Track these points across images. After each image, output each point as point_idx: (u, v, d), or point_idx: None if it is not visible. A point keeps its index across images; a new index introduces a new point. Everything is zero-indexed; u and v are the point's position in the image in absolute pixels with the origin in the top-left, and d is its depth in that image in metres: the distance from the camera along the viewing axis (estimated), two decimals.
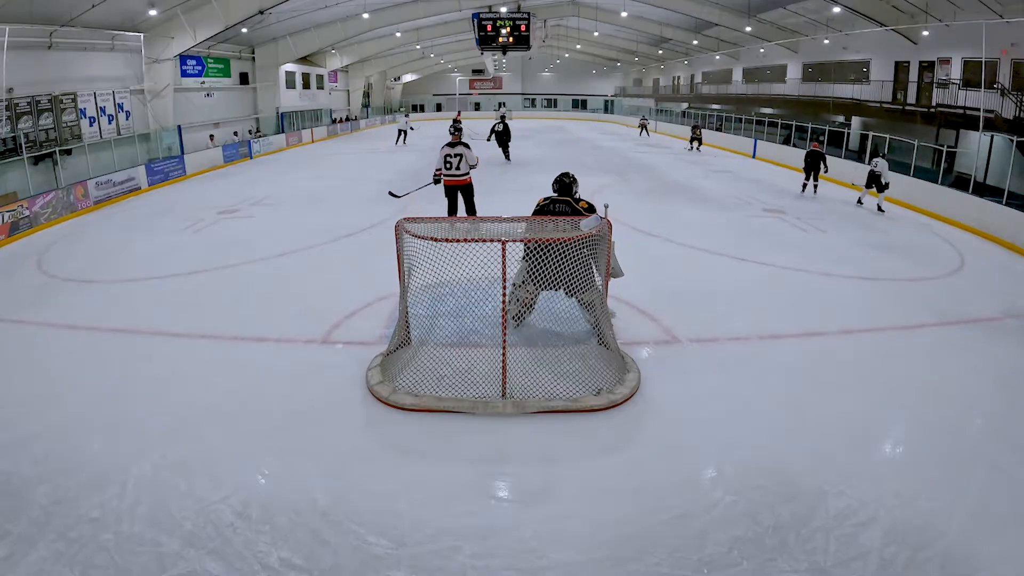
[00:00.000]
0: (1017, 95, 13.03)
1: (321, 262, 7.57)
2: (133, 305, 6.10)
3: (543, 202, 5.32)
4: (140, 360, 4.90)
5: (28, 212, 9.49)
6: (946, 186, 10.88)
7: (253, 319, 5.63)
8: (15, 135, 12.11)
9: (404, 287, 4.58)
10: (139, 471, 3.41)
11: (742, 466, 3.50)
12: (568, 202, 5.20)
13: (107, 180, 12.09)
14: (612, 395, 4.15)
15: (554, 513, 3.14)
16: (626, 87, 45.78)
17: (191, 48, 16.71)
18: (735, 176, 15.41)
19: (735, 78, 28.28)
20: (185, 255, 7.87)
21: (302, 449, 3.66)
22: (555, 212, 5.16)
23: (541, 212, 5.23)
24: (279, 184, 13.84)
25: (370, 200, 11.38)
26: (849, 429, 3.90)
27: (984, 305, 6.23)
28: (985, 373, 4.72)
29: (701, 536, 2.96)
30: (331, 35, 23.58)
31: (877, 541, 2.92)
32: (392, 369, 4.47)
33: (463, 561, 2.81)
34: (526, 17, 18.85)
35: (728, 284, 6.69)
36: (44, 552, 2.82)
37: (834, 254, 7.93)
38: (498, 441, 3.78)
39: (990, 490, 3.32)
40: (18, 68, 12.09)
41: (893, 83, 17.57)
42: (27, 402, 4.20)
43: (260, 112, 23.21)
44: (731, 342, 5.23)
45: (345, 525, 3.02)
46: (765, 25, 21.45)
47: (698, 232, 8.95)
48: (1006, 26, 12.51)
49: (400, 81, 42.84)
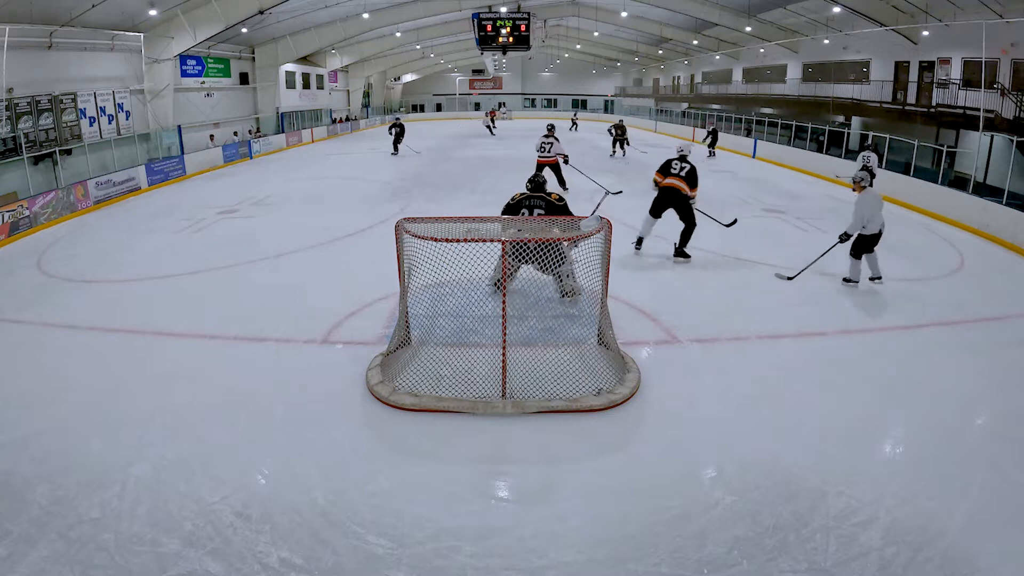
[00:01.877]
0: (1017, 95, 13.03)
1: (321, 262, 7.57)
2: (133, 305, 6.10)
3: (519, 196, 6.02)
4: (140, 360, 4.90)
5: (28, 212, 9.49)
6: (946, 186, 10.88)
7: (253, 319, 5.63)
8: (15, 135, 12.11)
9: (404, 287, 4.58)
10: (139, 471, 3.41)
11: (742, 466, 3.50)
12: (541, 196, 5.94)
13: (107, 180, 12.09)
14: (612, 395, 4.15)
15: (554, 513, 3.14)
16: (626, 87, 45.77)
17: (191, 48, 16.72)
18: (735, 176, 15.41)
19: (735, 78, 28.28)
20: (185, 255, 7.87)
21: (302, 449, 3.66)
22: (531, 205, 5.89)
23: (516, 205, 5.92)
24: (279, 184, 13.85)
25: (370, 200, 11.39)
26: (849, 429, 3.90)
27: (984, 305, 6.23)
28: (985, 373, 4.72)
29: (701, 536, 2.96)
30: (331, 35, 23.58)
31: (877, 541, 2.92)
32: (392, 369, 4.47)
33: (463, 561, 2.81)
34: (526, 17, 18.87)
35: (728, 284, 6.68)
36: (44, 552, 2.82)
37: (834, 253, 7.92)
38: (498, 441, 3.79)
39: (990, 490, 3.32)
40: (18, 68, 12.09)
41: (893, 83, 17.57)
42: (27, 402, 4.20)
43: (260, 112, 23.22)
44: (731, 342, 5.23)
45: (345, 525, 3.02)
46: (765, 25, 21.45)
47: (698, 232, 8.94)
48: (1006, 26, 12.51)
49: (400, 81, 42.87)
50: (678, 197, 7.31)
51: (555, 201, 5.93)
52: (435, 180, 14.47)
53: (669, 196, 7.35)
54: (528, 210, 5.85)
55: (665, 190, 7.38)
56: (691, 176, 7.36)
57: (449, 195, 12.36)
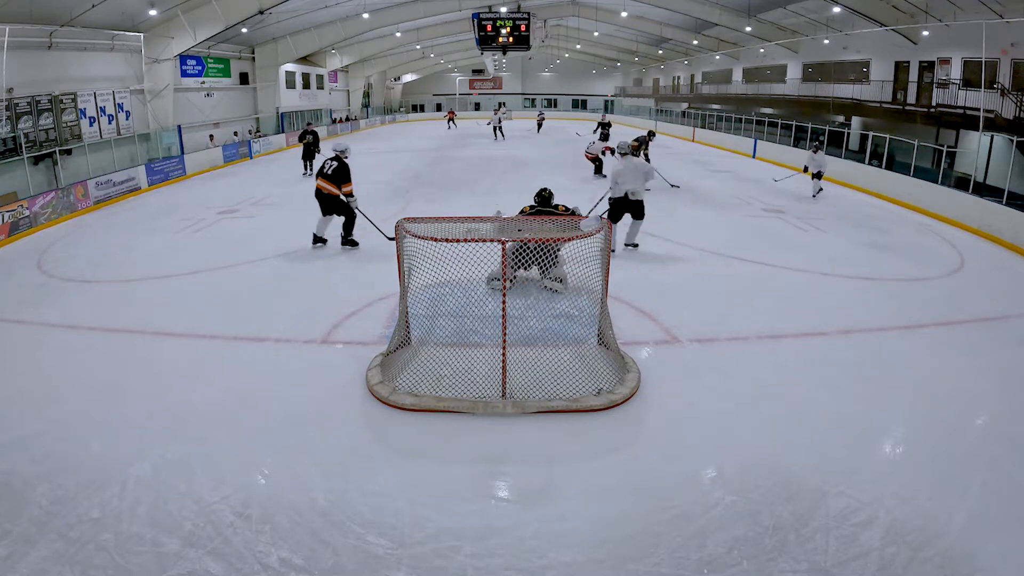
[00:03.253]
0: (1017, 95, 13.03)
1: (321, 262, 7.57)
2: (133, 305, 6.10)
3: (527, 210, 6.32)
4: (140, 360, 4.90)
5: (28, 212, 9.49)
6: (946, 186, 10.88)
7: (253, 319, 5.63)
8: (15, 135, 12.11)
9: (404, 287, 4.58)
10: (139, 471, 3.41)
11: (742, 466, 3.50)
12: (549, 211, 6.20)
13: (107, 180, 12.09)
14: (612, 395, 4.15)
15: (554, 513, 3.14)
16: (626, 87, 45.77)
17: (191, 48, 16.72)
18: (735, 176, 15.40)
19: (735, 78, 28.28)
20: (185, 255, 7.87)
21: (302, 449, 3.66)
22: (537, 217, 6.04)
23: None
24: (279, 184, 13.85)
25: (370, 200, 11.37)
26: (849, 429, 3.90)
27: (984, 305, 6.22)
28: (985, 373, 4.71)
29: (701, 536, 2.96)
30: (331, 35, 23.59)
31: (877, 541, 2.92)
32: (392, 369, 4.47)
33: (463, 561, 2.81)
34: (526, 17, 18.87)
35: (728, 284, 6.68)
36: (44, 552, 2.82)
37: (834, 254, 7.93)
38: (498, 441, 3.78)
39: (990, 490, 3.32)
40: (18, 68, 12.10)
41: (893, 83, 17.57)
42: (27, 402, 4.19)
43: (260, 112, 23.22)
44: (731, 342, 5.23)
45: (345, 525, 3.02)
46: (765, 25, 21.46)
47: (698, 232, 8.95)
48: (1006, 26, 12.51)
49: (400, 81, 42.87)
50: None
51: (562, 212, 6.27)
52: (435, 180, 14.47)
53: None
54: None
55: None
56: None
57: (449, 195, 12.36)
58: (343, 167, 7.58)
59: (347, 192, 7.58)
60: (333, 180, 7.55)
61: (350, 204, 7.66)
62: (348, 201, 7.63)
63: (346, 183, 7.56)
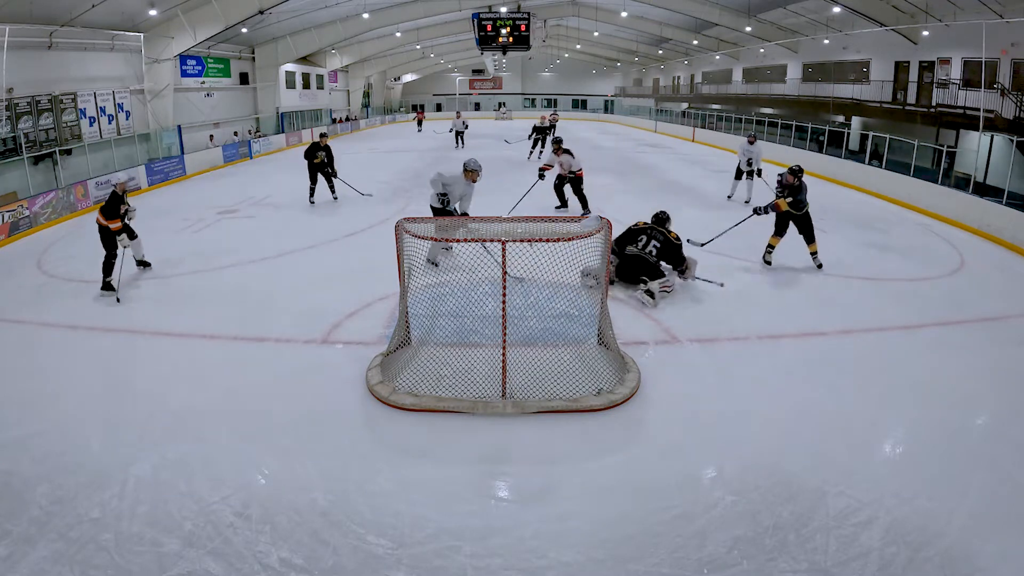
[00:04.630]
0: (1017, 95, 13.03)
1: (321, 262, 7.57)
2: (133, 305, 6.10)
3: (642, 224, 6.41)
4: (140, 360, 4.91)
5: (28, 212, 9.49)
6: (946, 186, 10.87)
7: (253, 319, 5.63)
8: (15, 135, 12.11)
9: (404, 287, 4.58)
10: (139, 471, 3.41)
11: (742, 466, 3.50)
12: (662, 231, 6.28)
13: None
14: (612, 395, 4.15)
15: (554, 513, 3.14)
16: (626, 87, 45.76)
17: (191, 48, 16.71)
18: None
19: (735, 78, 28.27)
20: (185, 255, 7.86)
21: (302, 449, 3.66)
22: (650, 235, 6.26)
23: (637, 231, 6.35)
24: (279, 184, 13.84)
25: (370, 200, 11.38)
26: (849, 429, 3.90)
27: (984, 305, 6.22)
28: (985, 373, 4.71)
29: (701, 536, 2.96)
30: (331, 35, 23.57)
31: (877, 541, 2.92)
32: (392, 369, 4.47)
33: (463, 561, 2.81)
34: (526, 17, 18.86)
35: (728, 284, 6.68)
36: (44, 552, 2.82)
37: (834, 254, 7.93)
38: (498, 441, 3.79)
39: (990, 490, 3.32)
40: (18, 68, 12.09)
41: (893, 83, 17.57)
42: (27, 402, 4.20)
43: (260, 112, 23.21)
44: (731, 342, 5.23)
45: (345, 525, 3.02)
46: (765, 25, 21.45)
47: (698, 232, 8.94)
48: (1006, 26, 12.50)
49: (400, 81, 42.85)
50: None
51: (672, 240, 6.24)
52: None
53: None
54: (647, 238, 6.26)
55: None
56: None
57: None
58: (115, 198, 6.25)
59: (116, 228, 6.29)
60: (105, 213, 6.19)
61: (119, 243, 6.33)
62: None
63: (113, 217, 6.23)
